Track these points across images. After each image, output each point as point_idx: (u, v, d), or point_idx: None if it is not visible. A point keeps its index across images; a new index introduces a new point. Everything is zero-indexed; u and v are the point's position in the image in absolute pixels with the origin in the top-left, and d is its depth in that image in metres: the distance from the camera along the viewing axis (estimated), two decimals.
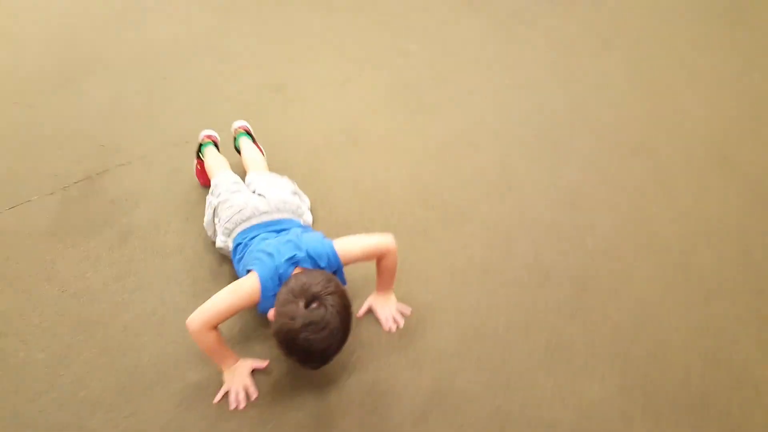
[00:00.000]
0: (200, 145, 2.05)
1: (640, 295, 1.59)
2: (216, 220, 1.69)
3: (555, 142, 2.21)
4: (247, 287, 1.37)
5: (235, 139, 2.12)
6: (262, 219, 1.59)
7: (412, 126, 2.35)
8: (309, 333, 1.22)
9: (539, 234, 1.79)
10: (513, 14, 3.22)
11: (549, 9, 3.32)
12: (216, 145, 2.08)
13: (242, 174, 1.96)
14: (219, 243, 1.66)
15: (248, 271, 1.43)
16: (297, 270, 1.38)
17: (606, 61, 2.81)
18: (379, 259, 1.52)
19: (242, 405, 1.41)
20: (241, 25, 3.38)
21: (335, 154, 2.25)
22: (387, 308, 1.57)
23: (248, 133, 2.13)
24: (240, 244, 1.56)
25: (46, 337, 1.64)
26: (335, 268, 1.43)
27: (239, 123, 2.16)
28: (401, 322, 1.55)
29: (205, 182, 1.98)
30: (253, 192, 1.74)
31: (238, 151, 2.08)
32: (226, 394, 1.43)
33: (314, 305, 1.24)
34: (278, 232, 1.55)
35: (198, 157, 2.05)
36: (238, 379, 1.44)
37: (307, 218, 1.75)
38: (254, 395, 1.43)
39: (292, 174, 2.03)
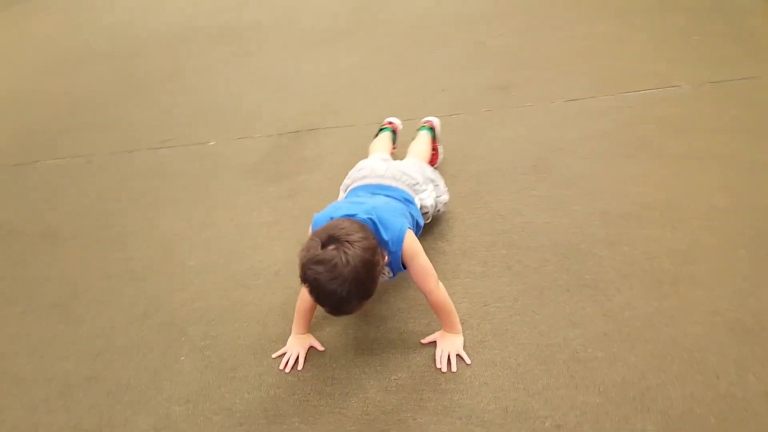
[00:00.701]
0: (380, 129, 2.38)
1: None
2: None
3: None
4: (309, 234, 1.55)
5: (419, 129, 2.38)
6: (375, 181, 1.81)
7: (615, 175, 2.19)
8: (316, 272, 1.35)
9: (673, 357, 1.56)
10: None
11: None
12: (394, 133, 2.39)
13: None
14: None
15: None
16: None
17: None
18: (425, 294, 1.61)
19: (288, 369, 1.70)
20: (508, 13, 3.56)
21: (509, 176, 2.29)
22: (447, 347, 1.65)
23: (432, 129, 2.36)
24: None
25: (198, 252, 2.21)
26: (393, 251, 1.53)
27: (429, 118, 2.41)
28: (454, 367, 1.62)
29: None
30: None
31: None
32: (282, 355, 1.75)
33: (330, 247, 1.37)
34: (381, 196, 1.73)
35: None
36: (297, 347, 1.72)
37: (425, 201, 1.87)
38: (300, 366, 1.71)
39: (456, 182, 2.19)
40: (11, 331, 2.00)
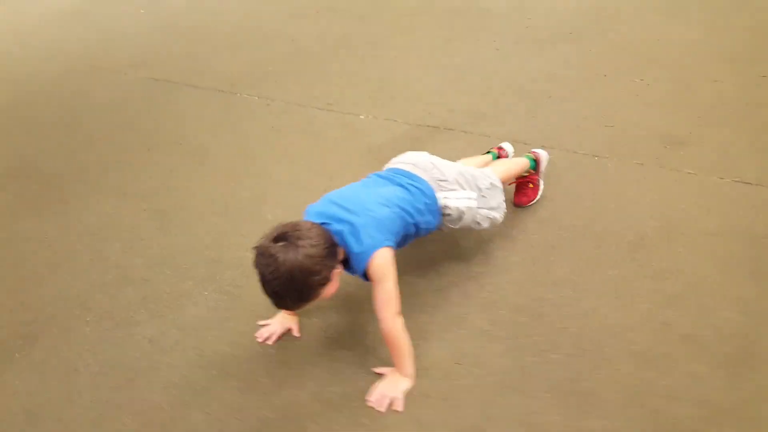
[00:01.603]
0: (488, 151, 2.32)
1: None
2: None
3: None
4: None
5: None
6: (404, 167, 1.85)
7: (716, 286, 1.79)
8: (259, 261, 1.48)
9: None
10: None
11: None
12: (498, 157, 2.28)
13: None
14: None
15: None
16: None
17: None
18: (378, 320, 1.58)
19: (259, 340, 1.85)
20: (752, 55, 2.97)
21: (598, 244, 2.02)
22: (388, 387, 1.60)
23: (534, 161, 2.19)
24: None
25: (280, 210, 2.42)
26: (354, 267, 1.57)
27: (539, 150, 2.25)
28: (383, 408, 1.57)
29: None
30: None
31: None
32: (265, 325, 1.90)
33: (279, 242, 1.47)
34: (394, 183, 1.79)
35: None
36: (278, 324, 1.85)
37: (450, 201, 1.80)
38: (271, 342, 1.83)
39: (539, 228, 2.05)
40: (124, 222, 2.50)
